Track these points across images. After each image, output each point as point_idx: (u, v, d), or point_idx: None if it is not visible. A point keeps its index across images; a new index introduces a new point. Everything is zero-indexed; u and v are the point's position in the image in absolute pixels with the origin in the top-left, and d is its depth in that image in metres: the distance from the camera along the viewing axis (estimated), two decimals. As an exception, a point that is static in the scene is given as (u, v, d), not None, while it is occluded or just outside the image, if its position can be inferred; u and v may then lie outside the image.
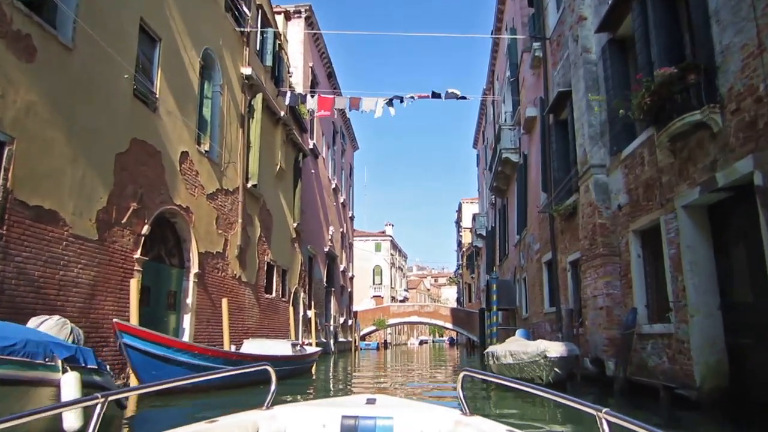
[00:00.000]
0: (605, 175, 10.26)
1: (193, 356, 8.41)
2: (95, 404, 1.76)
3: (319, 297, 26.99)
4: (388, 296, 61.03)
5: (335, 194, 32.79)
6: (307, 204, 24.56)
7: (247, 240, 16.05)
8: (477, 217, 37.14)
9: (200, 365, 8.49)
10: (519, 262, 20.32)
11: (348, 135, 38.83)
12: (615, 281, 9.60)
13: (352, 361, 25.45)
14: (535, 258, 16.23)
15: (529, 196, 18.13)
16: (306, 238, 23.86)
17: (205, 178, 13.32)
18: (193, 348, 8.49)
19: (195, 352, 8.45)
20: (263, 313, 17.44)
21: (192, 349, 8.42)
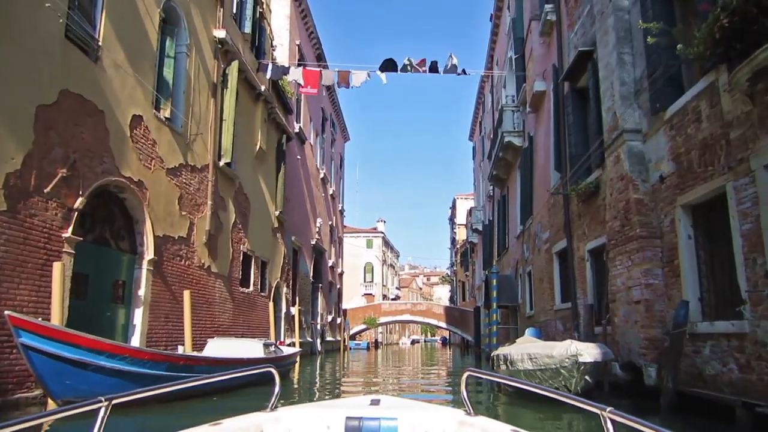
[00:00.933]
0: (641, 141, 8.47)
1: (122, 361, 6.52)
2: (99, 408, 1.74)
3: (304, 293, 25.10)
4: (380, 294, 59.14)
5: (324, 185, 30.91)
6: (292, 192, 22.67)
7: (219, 225, 14.15)
8: (473, 211, 35.36)
9: (132, 372, 6.60)
10: (522, 254, 18.55)
11: (338, 124, 36.95)
12: (655, 269, 7.81)
13: (340, 363, 23.58)
14: (544, 248, 14.45)
15: (536, 180, 16.35)
16: (290, 229, 21.97)
17: (165, 149, 11.41)
18: (122, 350, 6.60)
19: (124, 355, 6.56)
20: (238, 308, 15.55)
21: (120, 352, 6.53)
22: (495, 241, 27.10)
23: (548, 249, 13.91)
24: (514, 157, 20.77)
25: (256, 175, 17.62)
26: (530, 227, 16.89)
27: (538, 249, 15.26)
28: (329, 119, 33.24)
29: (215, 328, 13.66)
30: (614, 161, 8.92)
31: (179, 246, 11.86)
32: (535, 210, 16.14)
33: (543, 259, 14.57)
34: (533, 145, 16.88)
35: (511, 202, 22.20)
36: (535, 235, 15.84)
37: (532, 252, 16.50)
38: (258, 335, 17.15)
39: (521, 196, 18.78)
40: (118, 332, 9.88)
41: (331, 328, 32.89)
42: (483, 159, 34.24)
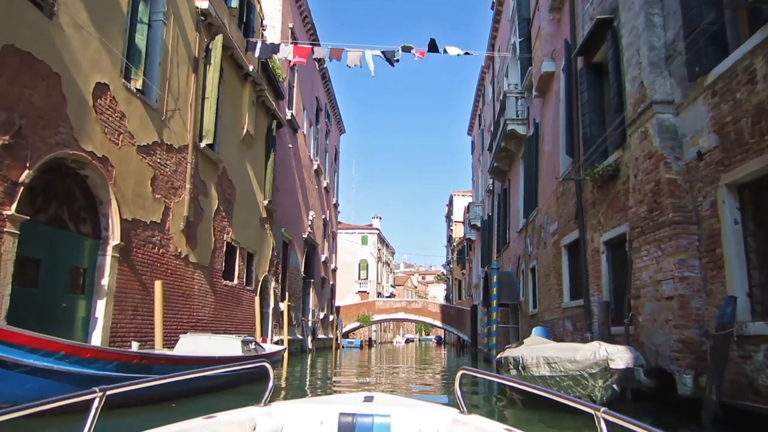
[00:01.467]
0: (673, 114, 7.39)
1: (60, 360, 5.40)
2: (93, 398, 1.72)
3: (295, 288, 23.99)
4: (374, 292, 58.04)
5: (317, 177, 29.78)
6: (283, 181, 21.55)
7: (199, 212, 13.02)
8: (471, 207, 34.30)
9: (73, 374, 5.49)
10: (525, 249, 17.49)
11: (334, 115, 35.83)
12: (692, 260, 6.73)
13: (332, 361, 22.48)
14: (551, 241, 13.38)
15: (542, 169, 15.27)
16: (280, 220, 20.85)
17: (137, 124, 10.28)
18: (59, 347, 5.47)
19: (61, 353, 5.44)
20: (221, 302, 14.43)
21: (56, 349, 5.41)
22: (494, 237, 26.06)
23: (556, 242, 12.84)
24: (516, 146, 19.71)
25: (243, 160, 16.49)
26: (535, 220, 15.83)
27: (544, 242, 14.19)
28: (324, 110, 32.12)
29: (193, 324, 12.54)
30: (640, 138, 7.85)
31: (152, 232, 10.73)
32: (541, 201, 15.08)
33: (550, 253, 13.50)
34: (539, 131, 15.80)
35: (512, 195, 21.15)
36: (541, 228, 14.78)
37: (536, 246, 15.43)
38: (243, 332, 16.04)
39: (525, 187, 17.72)
40: (77, 326, 8.77)
41: (323, 325, 31.80)
42: (482, 153, 33.19)
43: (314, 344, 27.69)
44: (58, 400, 1.68)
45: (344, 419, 2.40)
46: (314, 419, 2.44)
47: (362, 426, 2.40)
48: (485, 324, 21.53)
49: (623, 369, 5.63)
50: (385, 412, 2.43)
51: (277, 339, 19.91)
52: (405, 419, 2.41)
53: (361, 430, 2.41)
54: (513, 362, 7.23)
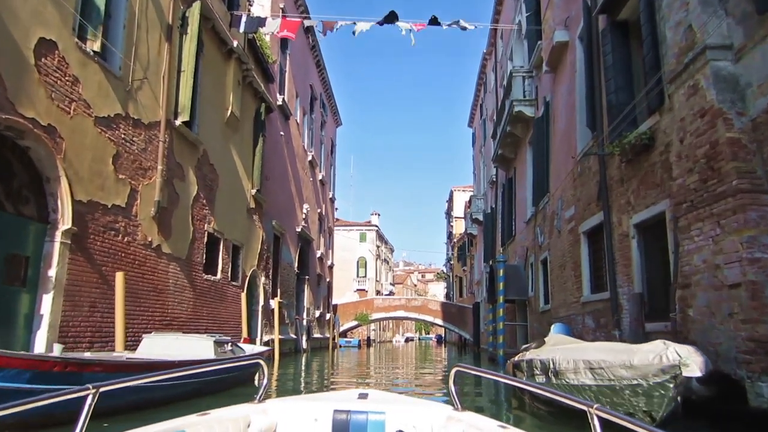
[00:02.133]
0: (731, 61, 6.04)
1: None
2: (86, 395, 1.72)
3: (287, 285, 22.64)
4: (373, 290, 56.67)
5: (312, 169, 28.41)
6: (274, 170, 20.18)
7: (174, 197, 11.66)
8: (473, 200, 32.95)
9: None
10: (534, 240, 16.15)
11: (330, 106, 34.47)
12: (764, 236, 5.39)
13: (328, 362, 21.12)
14: (567, 229, 12.04)
15: (554, 151, 13.93)
16: (270, 212, 19.49)
17: (94, 92, 8.90)
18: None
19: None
20: (201, 299, 13.07)
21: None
22: (498, 230, 24.72)
23: (573, 229, 11.49)
24: (523, 131, 18.37)
25: (227, 144, 15.12)
26: (546, 207, 14.48)
27: (558, 231, 12.84)
28: (319, 99, 30.76)
29: (168, 322, 11.18)
30: (688, 94, 6.49)
31: (114, 217, 9.36)
32: (553, 186, 13.73)
33: (565, 242, 12.16)
34: (550, 110, 14.45)
35: (518, 184, 19.81)
36: (554, 215, 13.44)
37: (548, 236, 14.09)
38: (228, 331, 14.69)
39: (534, 173, 16.38)
40: (17, 325, 7.41)
41: (319, 324, 30.45)
42: (484, 143, 31.88)
43: (309, 344, 26.34)
44: (50, 397, 1.65)
45: (339, 416, 2.39)
46: (308, 416, 2.43)
47: (357, 423, 2.39)
48: (490, 322, 20.19)
49: (696, 377, 4.27)
50: (379, 409, 2.42)
51: (267, 339, 18.57)
52: (399, 416, 2.39)
53: (355, 427, 2.39)
54: (540, 367, 5.86)
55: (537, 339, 9.41)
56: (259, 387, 2.57)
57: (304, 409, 2.48)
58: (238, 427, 2.29)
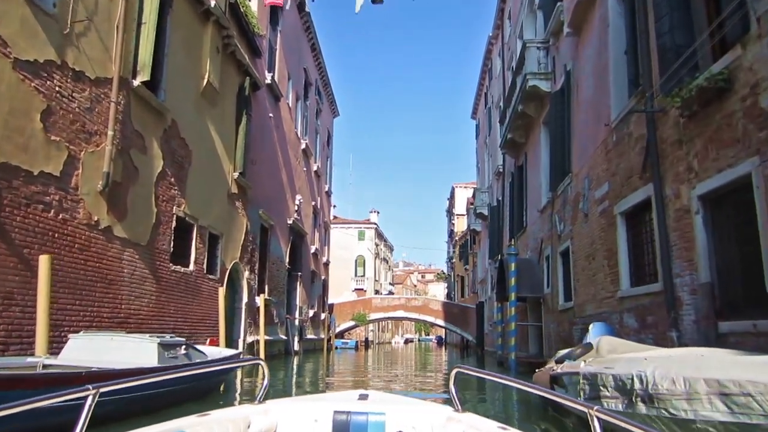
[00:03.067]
0: None
1: None
2: (86, 396, 1.72)
3: (277, 281, 20.79)
4: (372, 290, 54.81)
5: (306, 158, 26.57)
6: (261, 155, 18.35)
7: (132, 172, 9.81)
8: (477, 194, 31.09)
9: None
10: (551, 230, 14.31)
11: (326, 94, 32.63)
12: None
13: (322, 365, 19.27)
14: (597, 211, 10.20)
15: (577, 126, 12.11)
16: (257, 199, 17.65)
17: (15, 28, 7.05)
18: None
19: None
20: (167, 293, 11.23)
21: None
22: (506, 223, 22.88)
23: (607, 210, 9.64)
24: (537, 110, 16.54)
25: (203, 118, 13.28)
26: (567, 190, 12.65)
27: (585, 215, 10.99)
28: (314, 85, 28.93)
29: (121, 320, 9.33)
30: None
31: (43, 188, 7.51)
32: (577, 165, 11.90)
33: (595, 227, 10.30)
34: (572, 80, 12.62)
35: (530, 170, 17.99)
36: (578, 198, 11.60)
37: (570, 222, 12.24)
38: (202, 331, 12.86)
39: (550, 154, 14.55)
40: None
41: (313, 324, 28.59)
42: (489, 134, 30.09)
43: (302, 345, 24.48)
44: (50, 398, 1.63)
45: (339, 417, 2.39)
46: (309, 417, 2.42)
47: (357, 424, 2.38)
48: (498, 322, 18.36)
49: None
50: (379, 410, 2.41)
51: (252, 340, 16.72)
52: (399, 417, 2.40)
53: (355, 427, 2.38)
54: (614, 385, 3.93)
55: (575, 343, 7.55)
56: (260, 388, 2.54)
57: (304, 409, 2.48)
58: (238, 428, 2.27)
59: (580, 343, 7.14)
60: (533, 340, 17.15)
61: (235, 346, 15.81)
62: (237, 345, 15.88)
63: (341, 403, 2.49)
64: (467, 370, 2.45)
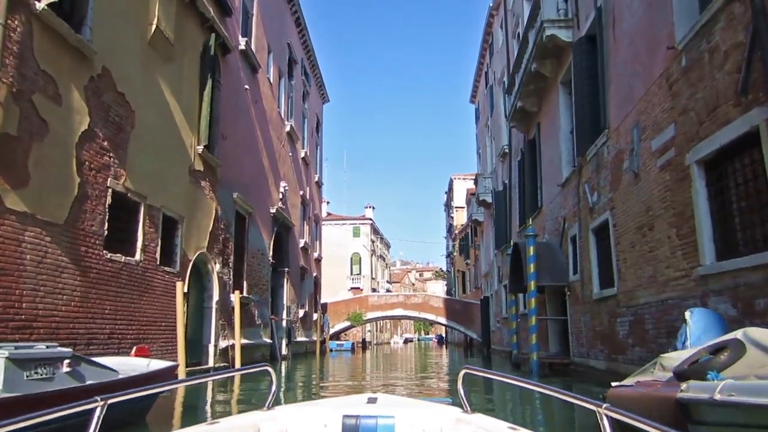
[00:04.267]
0: None
1: None
2: (94, 407, 1.72)
3: (259, 277, 18.32)
4: (369, 288, 52.29)
5: (292, 143, 24.11)
6: (235, 131, 15.89)
7: (35, 124, 7.33)
8: (479, 180, 28.66)
9: None
10: (578, 205, 11.91)
11: (314, 77, 30.17)
12: None
13: (316, 371, 16.81)
14: (654, 167, 7.77)
15: (614, 69, 9.70)
16: (230, 181, 15.21)
17: None
18: None
19: None
20: (101, 288, 8.74)
21: None
22: (515, 207, 20.47)
23: (674, 160, 7.21)
24: (554, 67, 14.17)
25: (152, 74, 10.80)
26: (603, 151, 10.24)
27: (635, 174, 8.55)
28: (300, 65, 26.47)
29: (19, 325, 6.85)
30: None
31: None
32: (618, 116, 9.49)
33: (654, 187, 7.87)
34: (604, 16, 10.23)
35: (545, 142, 15.61)
36: (621, 157, 9.18)
37: (611, 188, 9.82)
38: (156, 336, 10.44)
39: (576, 115, 12.15)
40: None
41: (304, 325, 26.12)
42: (491, 115, 27.73)
43: (290, 349, 22.00)
44: (60, 410, 1.65)
45: (348, 421, 2.37)
46: (318, 422, 2.41)
47: (366, 427, 2.35)
48: (513, 317, 15.91)
49: None
50: (388, 413, 2.40)
51: (226, 345, 14.25)
52: (408, 420, 2.39)
53: (364, 431, 2.35)
54: None
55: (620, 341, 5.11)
56: (268, 394, 2.51)
57: (313, 414, 2.44)
58: None
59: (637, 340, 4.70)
60: (554, 337, 14.76)
61: (204, 352, 13.36)
62: (206, 351, 13.42)
63: (350, 407, 2.48)
64: (474, 371, 2.37)
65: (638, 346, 8.45)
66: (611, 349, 9.76)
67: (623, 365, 9.09)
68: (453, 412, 2.43)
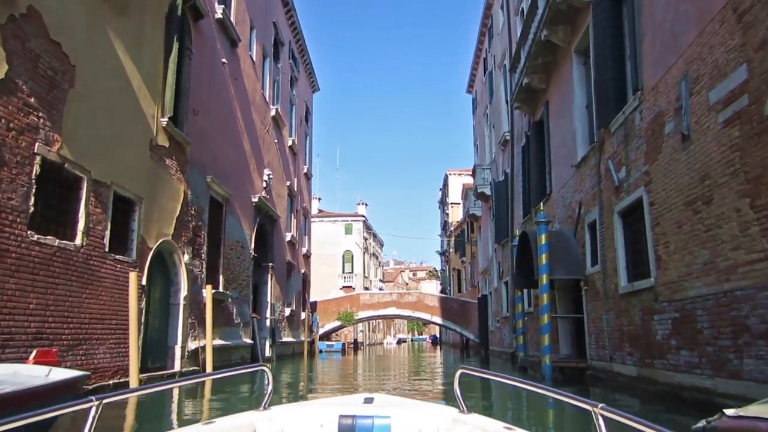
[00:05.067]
0: None
1: None
2: (90, 407, 1.72)
3: (238, 271, 16.65)
4: (361, 287, 50.56)
5: (277, 128, 22.43)
6: (209, 105, 14.24)
7: None
8: (477, 171, 27.06)
9: None
10: (599, 186, 10.33)
11: (303, 63, 28.51)
12: None
13: (304, 376, 15.18)
14: (715, 124, 6.16)
15: (651, 15, 8.12)
16: (203, 162, 13.55)
17: None
18: None
19: None
20: (26, 276, 7.07)
21: None
22: (518, 197, 18.89)
23: (746, 112, 5.57)
24: (566, 35, 12.63)
25: (100, 26, 9.11)
26: (634, 118, 8.65)
27: (685, 136, 6.93)
28: (287, 47, 24.80)
29: None
30: None
31: None
32: (657, 72, 7.91)
33: (713, 149, 6.22)
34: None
35: (555, 121, 14.07)
36: (661, 120, 7.59)
37: (645, 161, 8.21)
38: (101, 336, 8.75)
39: (597, 79, 10.54)
40: None
41: (291, 325, 24.45)
42: (490, 102, 26.15)
43: (275, 350, 20.32)
44: (56, 410, 1.68)
45: (344, 421, 2.37)
46: (314, 422, 2.40)
47: (362, 427, 2.34)
48: (519, 315, 14.30)
49: None
50: (385, 413, 2.40)
51: (196, 346, 12.59)
52: (405, 420, 2.39)
53: (361, 431, 2.37)
54: None
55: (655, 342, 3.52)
56: (264, 394, 2.49)
57: (309, 414, 2.45)
58: None
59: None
60: (565, 337, 13.16)
61: (169, 354, 11.69)
62: (172, 353, 11.75)
63: (346, 407, 2.48)
64: (471, 371, 2.40)
65: (686, 349, 6.87)
66: (645, 353, 8.18)
67: (662, 372, 7.53)
68: (449, 412, 2.42)
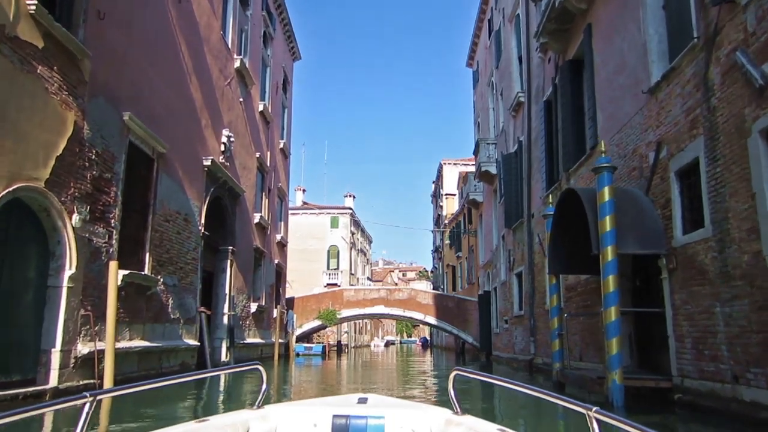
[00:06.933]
0: None
1: None
2: (84, 403, 1.72)
3: (177, 250, 12.68)
4: (348, 285, 46.62)
5: (243, 85, 18.47)
6: (130, 16, 10.30)
7: None
8: (481, 146, 23.22)
9: None
10: (721, 94, 6.54)
11: (281, 25, 24.60)
12: None
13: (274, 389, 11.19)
14: None
15: None
16: (116, 90, 9.63)
17: None
18: None
19: None
20: None
21: None
22: (542, 164, 15.05)
23: None
24: None
25: None
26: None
27: None
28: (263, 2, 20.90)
29: None
30: None
31: None
32: None
33: None
34: None
35: (602, 47, 10.33)
36: None
37: None
38: None
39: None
40: None
41: (258, 323, 20.45)
42: (496, 67, 22.36)
43: (233, 354, 16.32)
44: (52, 405, 1.69)
45: (338, 421, 2.37)
46: (308, 421, 2.41)
47: (356, 427, 2.37)
48: (554, 311, 10.40)
49: None
50: (378, 414, 2.40)
51: (88, 350, 8.62)
52: (399, 420, 2.39)
53: (354, 431, 2.38)
54: None
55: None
56: (258, 393, 2.51)
57: (303, 414, 2.45)
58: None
59: None
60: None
61: (41, 362, 7.73)
62: (47, 361, 7.80)
63: (340, 407, 2.47)
64: (465, 373, 2.38)
65: None
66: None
67: None
68: (443, 414, 2.41)
